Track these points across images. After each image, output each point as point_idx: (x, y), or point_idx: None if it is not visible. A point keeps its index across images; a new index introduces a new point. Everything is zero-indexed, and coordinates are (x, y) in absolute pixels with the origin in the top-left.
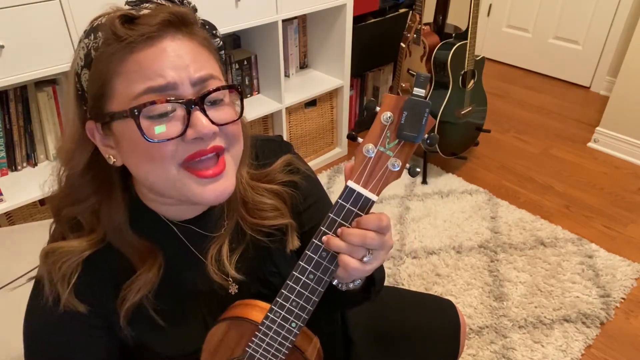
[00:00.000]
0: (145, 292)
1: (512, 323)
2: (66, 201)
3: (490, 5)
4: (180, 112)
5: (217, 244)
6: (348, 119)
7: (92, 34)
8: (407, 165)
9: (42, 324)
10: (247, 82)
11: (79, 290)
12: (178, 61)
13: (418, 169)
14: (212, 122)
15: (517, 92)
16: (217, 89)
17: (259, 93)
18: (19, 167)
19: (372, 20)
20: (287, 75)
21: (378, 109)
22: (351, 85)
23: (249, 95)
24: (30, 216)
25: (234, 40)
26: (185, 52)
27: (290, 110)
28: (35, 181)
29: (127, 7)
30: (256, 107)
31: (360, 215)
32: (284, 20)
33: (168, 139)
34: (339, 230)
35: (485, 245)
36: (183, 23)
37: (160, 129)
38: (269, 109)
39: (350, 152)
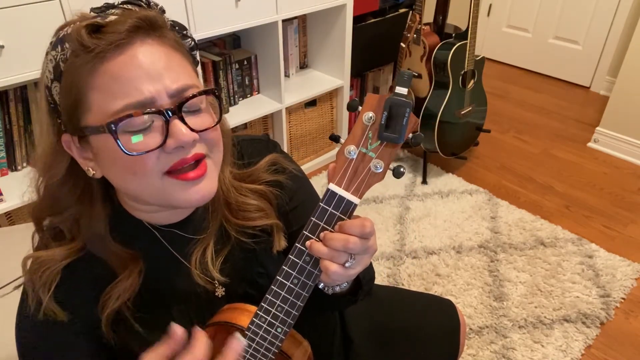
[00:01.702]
0: (124, 298)
1: (512, 323)
2: (46, 212)
3: (490, 5)
4: (159, 122)
5: (200, 246)
6: (348, 119)
7: (58, 46)
8: (391, 167)
9: (27, 331)
10: (247, 82)
11: (59, 298)
12: (152, 71)
13: (402, 169)
14: (192, 130)
15: (517, 92)
16: (194, 96)
17: (259, 93)
18: (19, 167)
19: (372, 20)
20: (287, 75)
21: (360, 108)
22: (351, 86)
23: (249, 96)
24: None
25: (234, 40)
26: (158, 58)
27: (290, 110)
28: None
29: (92, 14)
30: (256, 107)
31: (343, 219)
32: (284, 20)
33: (148, 151)
34: (321, 235)
35: (485, 245)
36: (152, 27)
37: (137, 139)
38: (269, 109)
39: None
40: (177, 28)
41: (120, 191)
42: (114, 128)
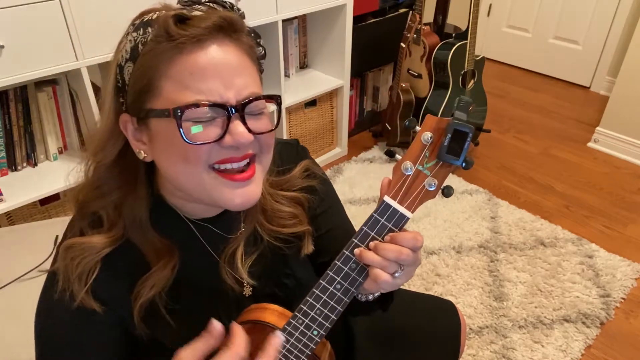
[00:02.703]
0: (158, 288)
1: (512, 323)
2: (92, 194)
3: (490, 5)
4: (221, 118)
5: (232, 246)
6: (348, 119)
7: (141, 28)
8: (442, 186)
9: (54, 319)
10: None
11: (95, 288)
12: (226, 73)
13: (452, 190)
14: (250, 131)
15: (517, 92)
16: (258, 98)
17: None
18: (19, 167)
19: (372, 20)
20: (287, 75)
21: (418, 128)
22: (351, 85)
23: None
24: (30, 216)
25: None
26: (232, 60)
27: (290, 110)
28: (36, 181)
29: (178, 5)
30: None
31: (394, 231)
32: (284, 20)
33: (205, 142)
34: (373, 244)
35: (485, 245)
36: (232, 29)
37: (196, 129)
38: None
39: (350, 152)
40: (252, 35)
41: (163, 178)
42: (179, 113)
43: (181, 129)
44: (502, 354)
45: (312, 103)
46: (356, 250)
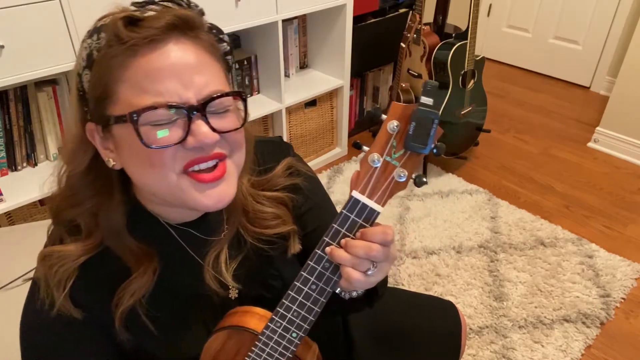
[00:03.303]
0: (139, 295)
1: (512, 323)
2: (66, 203)
3: (490, 5)
4: (182, 119)
5: (215, 249)
6: (348, 119)
7: (95, 34)
8: (413, 176)
9: (36, 327)
10: (247, 82)
11: (74, 295)
12: (184, 72)
13: (425, 180)
14: (214, 130)
15: (517, 92)
16: (219, 96)
17: (259, 93)
18: (19, 167)
19: (372, 20)
20: (287, 75)
21: (384, 117)
22: (351, 85)
23: (249, 96)
24: (30, 216)
25: (234, 40)
26: (190, 59)
27: (290, 110)
28: (35, 181)
29: (132, 7)
30: (256, 107)
31: (365, 227)
32: (284, 20)
33: (167, 146)
34: (343, 241)
35: (485, 245)
36: (188, 27)
37: (162, 134)
38: (269, 109)
39: (350, 153)
40: (214, 31)
41: (137, 185)
42: (135, 117)
43: (140, 134)
44: (502, 354)
45: (312, 103)
46: (327, 249)
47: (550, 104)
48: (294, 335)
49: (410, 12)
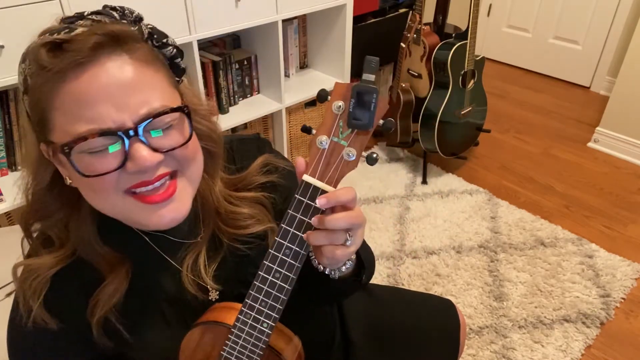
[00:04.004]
0: (113, 302)
1: (512, 323)
2: (35, 217)
3: (490, 5)
4: (119, 143)
5: (193, 252)
6: None
7: (26, 60)
8: (365, 154)
9: (18, 340)
10: (247, 82)
11: (49, 305)
12: (117, 94)
13: (375, 155)
14: (157, 150)
15: (517, 92)
16: (157, 115)
17: (259, 93)
18: (19, 167)
19: (372, 20)
20: (287, 75)
21: (330, 98)
22: None
23: (249, 96)
24: None
25: (234, 40)
26: (123, 77)
27: (290, 110)
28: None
29: (62, 25)
30: (256, 107)
31: (319, 210)
32: (284, 20)
33: (104, 173)
34: (316, 219)
35: (485, 245)
36: (118, 42)
37: (100, 160)
38: (269, 109)
39: None
40: (155, 37)
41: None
42: (67, 150)
43: (75, 165)
44: (502, 354)
45: (312, 103)
46: (304, 236)
47: (550, 104)
48: (265, 325)
49: (410, 12)
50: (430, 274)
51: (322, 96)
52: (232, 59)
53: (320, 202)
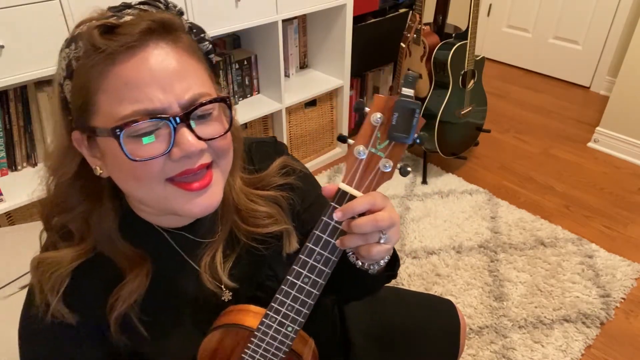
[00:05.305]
0: (132, 300)
1: (512, 323)
2: (56, 209)
3: (490, 5)
4: (166, 129)
5: (211, 250)
6: (348, 119)
7: (72, 44)
8: (398, 166)
9: (32, 333)
10: (247, 82)
11: (68, 300)
12: (164, 77)
13: (409, 169)
14: (200, 138)
15: (517, 92)
16: (203, 104)
17: (259, 93)
18: (19, 167)
19: (372, 20)
20: (287, 75)
21: (367, 109)
22: (351, 85)
23: (249, 96)
24: (30, 216)
25: (234, 40)
26: (170, 63)
27: (290, 110)
28: (36, 181)
29: (109, 12)
30: (256, 107)
31: (354, 218)
32: (284, 20)
33: (152, 158)
34: (345, 225)
35: (485, 245)
36: (166, 30)
37: (148, 140)
38: (269, 109)
39: None
40: (194, 31)
41: (125, 194)
42: (118, 133)
43: (124, 148)
44: (502, 354)
45: (312, 103)
46: (337, 241)
47: (550, 104)
48: (290, 329)
49: (410, 12)
50: (430, 274)
51: (358, 108)
52: (232, 59)
53: (336, 215)
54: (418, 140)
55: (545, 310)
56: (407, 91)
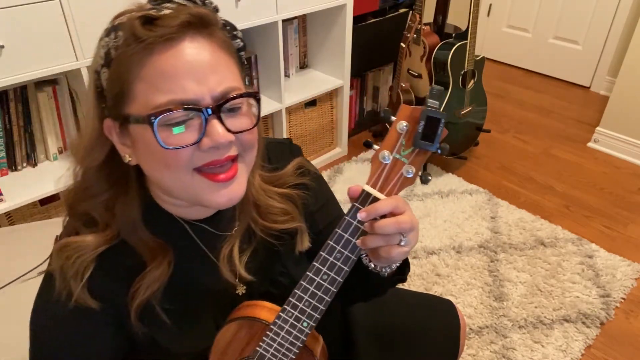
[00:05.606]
0: (154, 289)
1: (512, 323)
2: (81, 196)
3: (490, 5)
4: (197, 119)
5: (229, 243)
6: (348, 119)
7: (112, 33)
8: (420, 173)
9: (51, 318)
10: (247, 82)
11: (91, 286)
12: (199, 70)
13: (430, 177)
14: (229, 130)
15: (517, 92)
16: (235, 97)
17: (258, 93)
18: (19, 167)
19: (372, 20)
20: (287, 75)
21: (393, 118)
22: (351, 85)
23: None
24: (30, 216)
25: None
26: (205, 57)
27: (290, 110)
28: (35, 181)
29: (148, 5)
30: None
31: (376, 219)
32: (284, 20)
33: (183, 146)
34: (368, 225)
35: (485, 245)
36: (203, 24)
37: (178, 130)
38: (269, 109)
39: (350, 153)
40: (228, 28)
41: (152, 183)
42: (153, 120)
43: (157, 135)
44: (502, 354)
45: (312, 103)
46: (358, 241)
47: (550, 104)
48: (305, 324)
49: (410, 12)
50: (430, 274)
51: (386, 116)
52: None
53: (360, 215)
54: (439, 151)
55: (545, 310)
56: (433, 103)
